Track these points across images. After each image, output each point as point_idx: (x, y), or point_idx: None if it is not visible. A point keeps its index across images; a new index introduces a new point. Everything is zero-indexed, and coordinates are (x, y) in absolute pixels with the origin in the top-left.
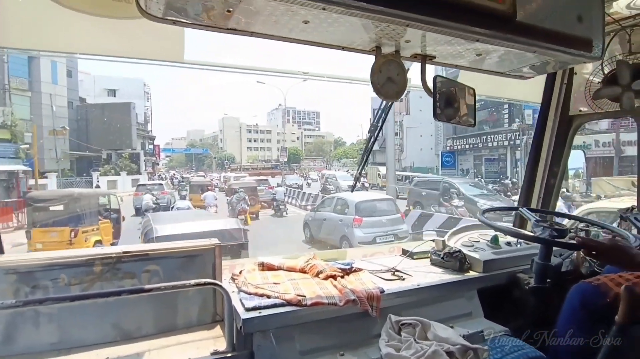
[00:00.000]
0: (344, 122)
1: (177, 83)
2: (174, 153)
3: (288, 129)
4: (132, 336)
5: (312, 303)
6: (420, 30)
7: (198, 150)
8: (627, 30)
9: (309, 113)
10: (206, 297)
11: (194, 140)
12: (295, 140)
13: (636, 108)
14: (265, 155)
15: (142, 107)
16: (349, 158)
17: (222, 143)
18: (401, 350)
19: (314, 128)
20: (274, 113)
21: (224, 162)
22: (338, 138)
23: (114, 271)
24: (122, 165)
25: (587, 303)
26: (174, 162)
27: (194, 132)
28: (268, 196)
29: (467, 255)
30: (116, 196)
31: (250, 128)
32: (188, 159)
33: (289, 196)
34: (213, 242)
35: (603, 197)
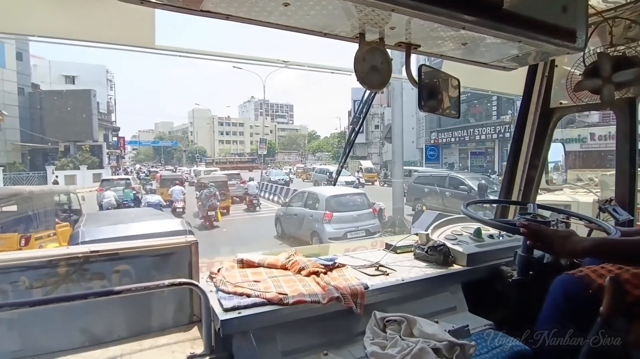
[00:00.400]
0: (318, 115)
1: (143, 74)
2: (141, 146)
3: (261, 122)
4: (102, 340)
5: (294, 302)
6: (406, 16)
7: (167, 143)
8: (608, 22)
9: (282, 106)
10: (182, 297)
11: (162, 133)
12: (269, 134)
13: (616, 100)
14: (238, 149)
15: (105, 95)
16: (323, 152)
17: (192, 136)
18: (387, 348)
19: (288, 121)
20: (247, 105)
21: (194, 155)
22: (312, 131)
23: (81, 272)
24: (81, 158)
25: (570, 295)
26: (142, 155)
27: (163, 124)
28: (240, 191)
29: (451, 248)
30: (76, 194)
31: (222, 121)
32: (156, 152)
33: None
34: (189, 239)
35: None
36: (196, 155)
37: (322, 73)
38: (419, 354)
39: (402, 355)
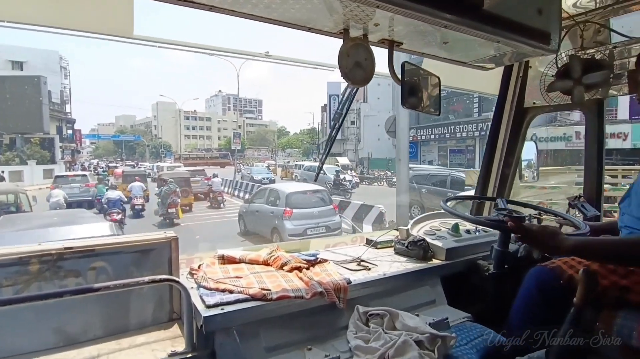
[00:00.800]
0: (287, 110)
1: (104, 63)
2: (100, 140)
3: (229, 117)
4: (77, 340)
5: (277, 297)
6: (390, 12)
7: (129, 137)
8: (579, 26)
9: (251, 101)
10: (162, 294)
11: (124, 127)
12: (237, 129)
13: (585, 101)
14: (205, 144)
15: (58, 84)
16: (293, 148)
17: (156, 130)
18: (370, 341)
19: (257, 116)
20: (214, 100)
21: (159, 150)
22: (281, 127)
23: (55, 270)
24: (30, 152)
25: (542, 286)
26: (101, 150)
27: (124, 118)
28: (204, 188)
29: (430, 243)
30: (26, 194)
31: (189, 115)
32: (117, 147)
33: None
34: (169, 235)
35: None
36: (161, 150)
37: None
38: (402, 347)
39: (385, 348)
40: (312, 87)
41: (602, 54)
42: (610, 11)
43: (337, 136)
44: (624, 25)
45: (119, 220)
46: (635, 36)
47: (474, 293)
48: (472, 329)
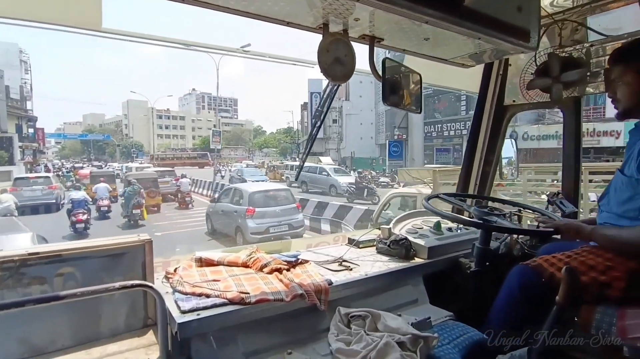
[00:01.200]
0: (263, 110)
1: (71, 59)
2: (66, 139)
3: (204, 116)
4: (44, 351)
5: (256, 300)
6: (370, 7)
7: (97, 136)
8: (558, 24)
9: (226, 99)
10: (135, 300)
11: (92, 126)
12: (212, 128)
13: (563, 99)
14: (179, 144)
15: (18, 79)
16: (270, 148)
17: (127, 129)
18: (352, 344)
19: (232, 115)
20: (187, 98)
21: (130, 150)
22: (258, 126)
23: (18, 277)
24: None
25: (525, 284)
26: (68, 150)
27: (93, 116)
28: (173, 189)
29: (412, 242)
30: None
31: (161, 113)
32: (85, 147)
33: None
34: (142, 238)
35: (402, 184)
36: (132, 150)
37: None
38: (384, 349)
39: (367, 350)
40: (288, 85)
41: (579, 52)
42: (588, 9)
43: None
44: (601, 23)
45: (84, 220)
46: (611, 34)
47: (456, 291)
48: (455, 328)
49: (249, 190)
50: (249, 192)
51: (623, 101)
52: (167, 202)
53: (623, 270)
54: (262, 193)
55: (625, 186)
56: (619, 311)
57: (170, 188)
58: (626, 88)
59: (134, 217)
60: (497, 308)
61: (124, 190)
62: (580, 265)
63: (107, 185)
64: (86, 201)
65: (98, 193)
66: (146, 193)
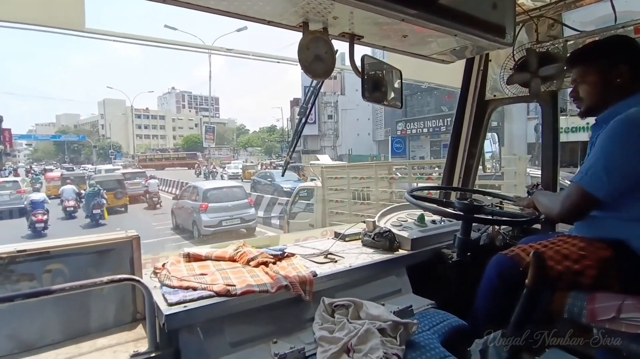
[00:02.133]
0: (245, 108)
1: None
2: (38, 140)
3: (185, 115)
4: (34, 346)
5: (242, 292)
6: (347, 6)
7: (72, 137)
8: (534, 20)
9: (206, 98)
10: (124, 295)
11: (66, 126)
12: (194, 127)
13: (542, 93)
14: (160, 144)
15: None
16: (254, 147)
17: (104, 130)
18: (335, 331)
19: (213, 114)
20: (166, 97)
21: (107, 151)
22: (241, 125)
23: (7, 274)
24: None
25: (502, 273)
26: (40, 152)
27: (67, 117)
28: (141, 190)
29: (396, 234)
30: None
31: (140, 113)
32: (59, 149)
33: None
34: (130, 234)
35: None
36: (110, 152)
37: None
38: (364, 335)
39: (349, 337)
40: (271, 82)
41: (556, 47)
42: (563, 5)
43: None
44: (575, 19)
45: (44, 220)
46: (585, 30)
47: (439, 280)
48: (435, 315)
49: (204, 187)
50: (203, 189)
51: (585, 100)
52: (139, 203)
53: (595, 258)
54: (216, 189)
55: None
56: (589, 296)
57: (140, 189)
58: (588, 88)
59: (95, 217)
60: (479, 297)
61: (85, 191)
62: (555, 254)
63: (74, 186)
64: (45, 202)
65: (64, 195)
66: (112, 194)
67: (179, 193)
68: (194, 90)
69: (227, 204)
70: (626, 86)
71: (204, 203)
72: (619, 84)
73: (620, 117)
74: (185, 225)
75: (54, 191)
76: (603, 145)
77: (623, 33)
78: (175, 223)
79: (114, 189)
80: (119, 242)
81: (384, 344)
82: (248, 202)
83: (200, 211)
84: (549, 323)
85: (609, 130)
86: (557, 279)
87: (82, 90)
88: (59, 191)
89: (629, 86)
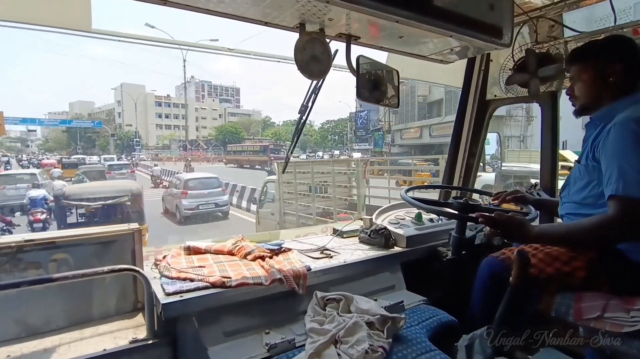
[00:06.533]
0: (268, 99)
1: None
2: (42, 126)
3: (208, 104)
4: (39, 331)
5: (237, 284)
6: (341, 8)
7: (84, 123)
8: (533, 20)
9: (228, 89)
10: (125, 285)
11: (80, 115)
12: (218, 118)
13: (541, 93)
14: (181, 135)
15: None
16: (284, 141)
17: (120, 118)
18: (324, 324)
19: (234, 106)
20: (186, 87)
21: (126, 142)
22: (266, 117)
23: (15, 262)
24: None
25: (493, 275)
26: (52, 142)
27: (80, 104)
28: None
29: (392, 231)
30: None
31: (161, 101)
32: (71, 139)
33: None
34: (132, 227)
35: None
36: (136, 141)
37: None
38: (352, 328)
39: (337, 329)
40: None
41: (555, 48)
42: (562, 6)
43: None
44: (576, 20)
45: (43, 219)
46: (585, 31)
47: (433, 278)
48: (425, 311)
49: (185, 177)
50: (184, 179)
51: (580, 98)
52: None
53: (584, 259)
54: (195, 180)
55: (582, 175)
56: (576, 295)
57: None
58: (583, 86)
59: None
60: (472, 297)
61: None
62: (546, 256)
63: (45, 192)
64: (45, 199)
65: (31, 202)
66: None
67: (168, 183)
68: (214, 80)
69: (203, 191)
70: (620, 85)
71: (184, 190)
72: (612, 83)
73: (627, 116)
74: (171, 209)
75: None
76: (625, 149)
77: (622, 34)
78: (165, 208)
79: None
80: (121, 234)
81: (370, 337)
82: (222, 190)
83: (181, 196)
84: (541, 323)
85: (623, 133)
86: (548, 280)
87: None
88: (25, 197)
89: (623, 85)
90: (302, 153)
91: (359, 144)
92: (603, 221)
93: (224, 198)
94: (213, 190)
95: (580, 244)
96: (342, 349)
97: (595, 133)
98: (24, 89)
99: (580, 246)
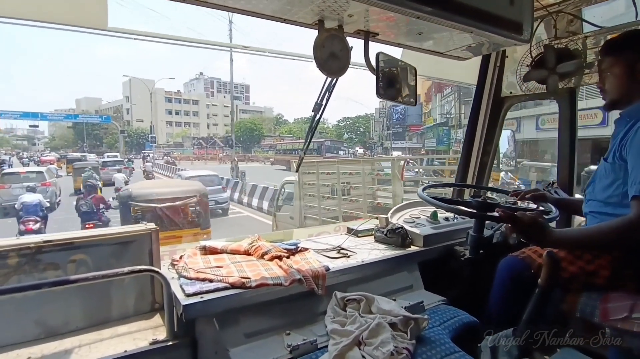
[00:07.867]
0: (277, 97)
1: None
2: (45, 120)
3: (220, 101)
4: (58, 332)
5: (256, 285)
6: (362, 4)
7: (92, 118)
8: (553, 16)
9: (237, 85)
10: (143, 285)
11: (87, 111)
12: (229, 115)
13: (559, 90)
14: (192, 132)
15: None
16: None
17: (129, 115)
18: (346, 325)
19: (243, 102)
20: (194, 84)
21: (136, 139)
22: (279, 114)
23: (34, 263)
24: None
25: (514, 275)
26: (58, 140)
27: (87, 101)
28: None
29: (408, 230)
30: None
31: (171, 97)
32: (78, 136)
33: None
34: (149, 227)
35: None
36: (151, 137)
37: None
38: (375, 329)
39: (360, 330)
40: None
41: (575, 43)
42: (582, 1)
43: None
44: (595, 15)
45: (36, 230)
46: (605, 26)
47: (450, 277)
48: (446, 311)
49: (186, 175)
50: (185, 176)
51: (610, 92)
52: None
53: (608, 259)
54: (195, 177)
55: (607, 173)
56: (602, 296)
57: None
58: (614, 80)
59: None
60: (491, 297)
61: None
62: (568, 255)
63: (41, 196)
64: (40, 205)
65: (23, 208)
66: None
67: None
68: (223, 76)
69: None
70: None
71: None
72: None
73: None
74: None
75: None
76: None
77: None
78: None
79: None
80: (139, 234)
81: (394, 339)
82: (222, 188)
83: None
84: (562, 323)
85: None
86: (571, 280)
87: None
88: (17, 202)
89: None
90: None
91: (396, 142)
92: (624, 224)
93: (223, 196)
94: (213, 187)
95: (601, 249)
96: (366, 351)
97: (624, 131)
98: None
99: (600, 248)
